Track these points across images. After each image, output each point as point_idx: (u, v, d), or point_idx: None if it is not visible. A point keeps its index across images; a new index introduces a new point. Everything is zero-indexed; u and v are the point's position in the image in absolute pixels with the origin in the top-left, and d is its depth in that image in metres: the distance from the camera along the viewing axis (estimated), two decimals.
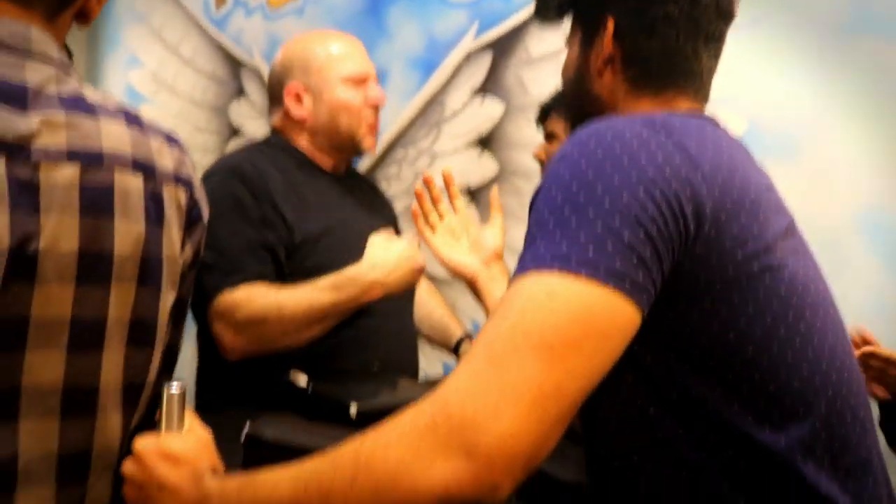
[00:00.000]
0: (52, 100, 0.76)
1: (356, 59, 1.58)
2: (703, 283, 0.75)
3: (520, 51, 2.37)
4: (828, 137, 1.93)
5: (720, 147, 0.82)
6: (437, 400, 0.67)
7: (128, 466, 0.81)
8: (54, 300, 0.76)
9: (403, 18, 2.58)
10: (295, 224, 1.46)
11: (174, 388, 0.87)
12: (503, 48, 2.40)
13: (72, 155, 0.76)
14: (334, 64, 1.56)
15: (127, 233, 0.80)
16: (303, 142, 1.59)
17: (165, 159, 0.86)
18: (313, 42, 1.60)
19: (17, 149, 0.73)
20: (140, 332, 0.84)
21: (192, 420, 0.89)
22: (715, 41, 0.92)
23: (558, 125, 1.73)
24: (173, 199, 0.87)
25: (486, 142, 2.45)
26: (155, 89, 3.15)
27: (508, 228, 1.39)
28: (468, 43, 2.46)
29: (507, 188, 2.40)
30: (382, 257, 1.35)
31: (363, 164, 2.58)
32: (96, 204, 0.77)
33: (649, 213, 0.71)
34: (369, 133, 1.57)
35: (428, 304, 1.77)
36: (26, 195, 0.73)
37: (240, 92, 2.93)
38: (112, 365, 0.82)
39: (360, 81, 1.56)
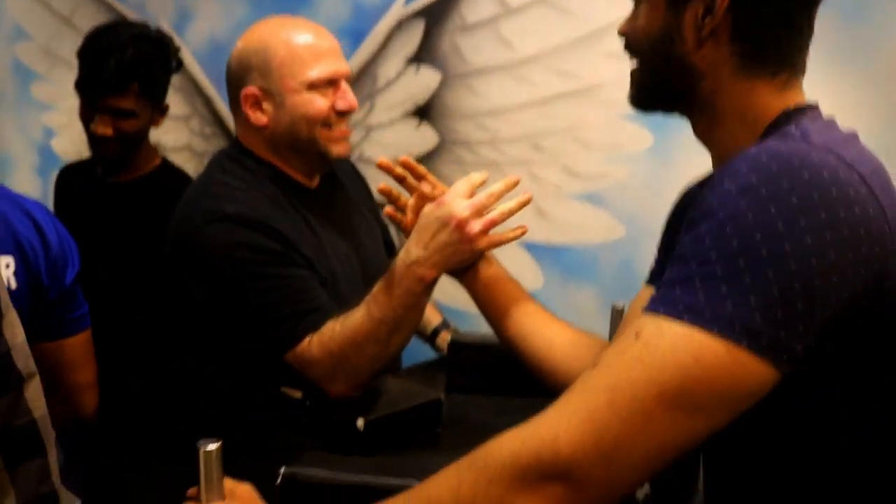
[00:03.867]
0: None
1: (324, 59, 1.38)
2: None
3: (454, 17, 2.29)
4: None
5: (885, 178, 0.74)
6: (545, 434, 0.65)
7: None
8: None
9: None
10: (315, 264, 1.34)
11: (210, 446, 0.81)
12: (435, 15, 2.32)
13: None
14: (298, 65, 1.36)
15: None
16: (268, 153, 1.43)
17: None
18: (274, 36, 1.39)
19: None
20: None
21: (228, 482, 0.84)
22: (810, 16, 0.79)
23: None
24: None
25: (423, 112, 2.39)
26: (49, 65, 2.90)
27: None
28: (398, 10, 2.37)
29: (449, 158, 2.36)
30: (415, 234, 1.19)
31: None
32: None
33: (832, 281, 0.63)
34: (337, 141, 1.41)
35: None
36: None
37: None
38: None
39: (328, 85, 1.38)
